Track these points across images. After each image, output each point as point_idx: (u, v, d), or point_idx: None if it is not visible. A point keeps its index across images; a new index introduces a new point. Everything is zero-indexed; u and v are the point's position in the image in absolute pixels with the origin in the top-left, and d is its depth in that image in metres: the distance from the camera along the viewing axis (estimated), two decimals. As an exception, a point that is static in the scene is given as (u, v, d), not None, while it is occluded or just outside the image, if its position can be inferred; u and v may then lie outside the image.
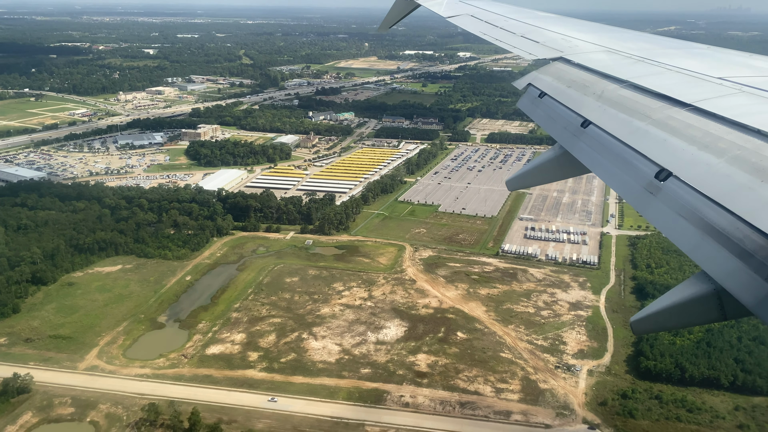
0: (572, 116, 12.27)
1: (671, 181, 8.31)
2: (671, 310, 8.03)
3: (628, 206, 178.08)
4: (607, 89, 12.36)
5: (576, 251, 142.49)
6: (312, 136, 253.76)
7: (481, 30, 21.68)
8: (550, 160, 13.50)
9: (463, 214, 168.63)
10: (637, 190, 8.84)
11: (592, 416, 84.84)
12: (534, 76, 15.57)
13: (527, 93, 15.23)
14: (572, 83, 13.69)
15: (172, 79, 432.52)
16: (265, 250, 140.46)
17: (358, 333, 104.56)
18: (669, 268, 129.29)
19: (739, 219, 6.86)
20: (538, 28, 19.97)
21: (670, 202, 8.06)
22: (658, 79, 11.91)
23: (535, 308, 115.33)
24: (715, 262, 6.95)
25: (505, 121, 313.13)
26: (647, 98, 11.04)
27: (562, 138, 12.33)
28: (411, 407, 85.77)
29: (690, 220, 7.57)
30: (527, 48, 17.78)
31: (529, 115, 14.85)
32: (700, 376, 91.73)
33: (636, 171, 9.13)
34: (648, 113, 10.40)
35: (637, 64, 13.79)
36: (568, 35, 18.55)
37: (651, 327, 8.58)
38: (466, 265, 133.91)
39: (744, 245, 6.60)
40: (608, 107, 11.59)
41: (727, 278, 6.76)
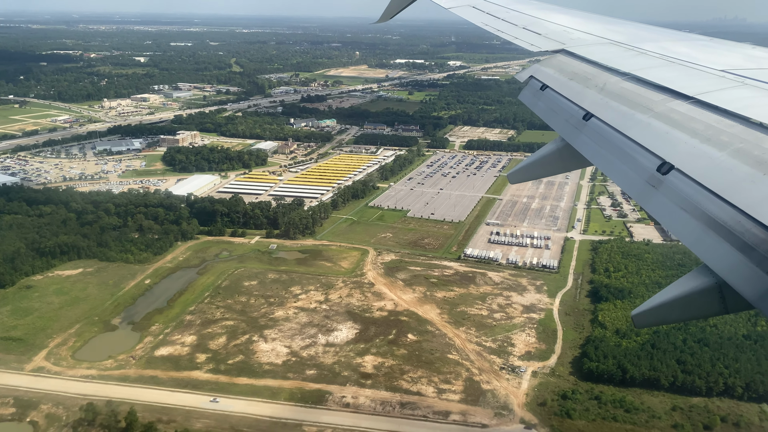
0: (574, 109, 12.30)
1: (673, 174, 8.29)
2: (672, 303, 8.02)
3: (595, 212, 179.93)
4: (609, 82, 12.36)
5: (538, 255, 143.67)
6: (290, 143, 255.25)
7: (483, 21, 21.48)
8: (552, 153, 13.47)
9: (431, 219, 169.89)
10: (639, 183, 8.84)
11: (531, 416, 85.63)
12: (536, 68, 15.64)
13: (529, 85, 15.32)
14: (574, 75, 13.69)
15: (158, 87, 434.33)
16: (228, 255, 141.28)
17: (308, 335, 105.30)
18: (626, 272, 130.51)
19: (741, 212, 6.84)
20: (540, 20, 19.90)
21: (671, 195, 8.05)
22: (660, 72, 11.92)
23: (488, 311, 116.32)
24: (717, 255, 6.94)
25: (486, 128, 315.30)
26: (649, 91, 11.03)
27: (563, 130, 12.36)
28: (351, 407, 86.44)
29: (692, 213, 7.54)
30: (529, 40, 17.70)
31: (531, 107, 14.88)
32: (640, 377, 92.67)
33: (638, 164, 9.13)
34: (650, 106, 10.40)
35: (639, 57, 13.75)
36: (570, 27, 18.51)
37: (652, 321, 8.55)
38: (427, 269, 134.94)
39: (746, 238, 6.59)
40: (610, 100, 11.58)
41: (729, 271, 6.74)
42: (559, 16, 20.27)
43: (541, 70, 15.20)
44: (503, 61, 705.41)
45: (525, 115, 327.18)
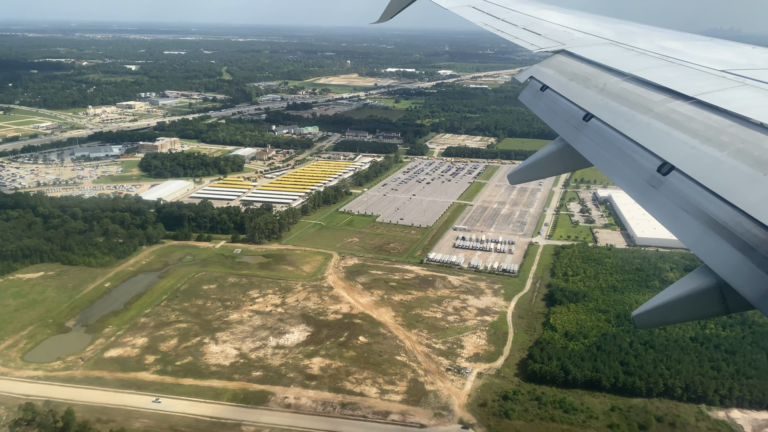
0: (574, 109, 12.25)
1: (673, 174, 8.27)
2: (673, 304, 8.01)
3: (563, 218, 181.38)
4: (609, 82, 12.32)
5: (500, 260, 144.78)
6: (269, 149, 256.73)
7: (483, 21, 21.43)
8: (552, 154, 13.42)
9: (399, 224, 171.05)
10: (639, 184, 8.83)
11: (470, 417, 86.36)
12: (535, 69, 15.63)
13: (529, 86, 15.28)
14: (574, 76, 13.65)
15: (145, 94, 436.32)
16: (192, 258, 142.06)
17: (259, 338, 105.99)
18: (584, 276, 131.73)
19: (742, 213, 6.82)
20: (541, 20, 19.91)
21: (672, 196, 8.02)
22: (660, 72, 11.89)
23: (443, 314, 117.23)
24: (718, 256, 6.92)
25: (468, 136, 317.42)
26: (649, 91, 11.01)
27: (563, 131, 12.34)
28: (292, 408, 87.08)
29: (692, 213, 7.51)
30: (529, 40, 17.66)
31: (531, 108, 14.87)
32: (582, 379, 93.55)
33: (638, 164, 9.12)
34: (650, 106, 10.38)
35: (639, 57, 13.72)
36: (570, 27, 18.52)
37: (653, 321, 8.53)
38: (388, 273, 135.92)
39: (746, 239, 6.58)
40: (610, 100, 11.55)
41: (730, 272, 6.72)
42: (559, 17, 20.34)
43: (540, 70, 15.28)
44: (494, 71, 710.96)
45: (506, 123, 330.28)
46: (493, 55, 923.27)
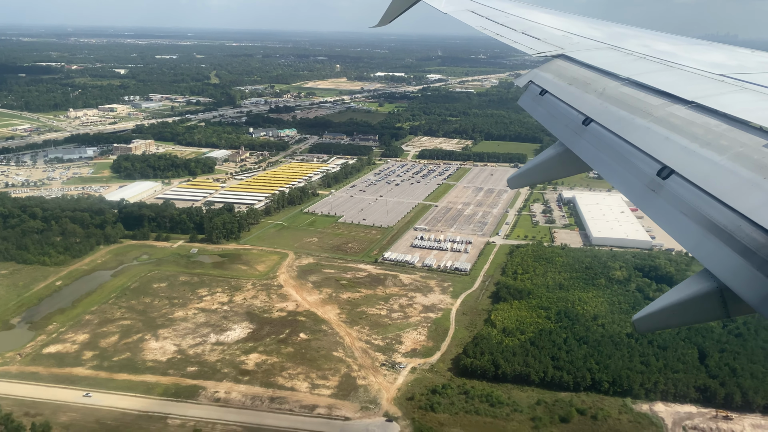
0: (573, 114, 12.29)
1: (673, 178, 8.29)
2: (673, 308, 8.04)
3: (524, 218, 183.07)
4: (608, 86, 12.35)
5: (455, 259, 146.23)
6: (242, 151, 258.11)
7: (481, 25, 21.35)
8: (552, 158, 13.46)
9: (361, 224, 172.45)
10: (639, 188, 8.84)
11: (396, 410, 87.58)
12: (535, 73, 15.65)
13: (528, 91, 15.28)
14: (573, 80, 13.68)
15: (130, 98, 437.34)
16: (148, 258, 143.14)
17: (201, 335, 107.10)
18: (533, 275, 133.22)
19: (742, 216, 6.83)
20: (539, 25, 19.92)
21: (672, 200, 8.03)
22: (659, 76, 11.93)
23: (388, 311, 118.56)
24: (718, 259, 6.93)
25: (445, 138, 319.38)
26: (649, 95, 11.01)
27: (563, 136, 12.36)
28: (221, 402, 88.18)
29: (692, 217, 7.53)
30: (528, 44, 17.67)
31: (530, 112, 14.83)
32: (512, 373, 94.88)
33: (638, 169, 9.14)
34: (649, 110, 10.37)
35: (639, 61, 13.73)
36: (569, 32, 18.54)
37: (653, 325, 8.55)
38: (340, 272, 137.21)
39: (746, 242, 6.58)
40: (610, 105, 11.58)
41: (730, 276, 6.73)
42: (557, 21, 20.32)
43: (540, 75, 15.29)
44: (483, 75, 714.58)
45: (484, 126, 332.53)
46: (484, 60, 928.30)
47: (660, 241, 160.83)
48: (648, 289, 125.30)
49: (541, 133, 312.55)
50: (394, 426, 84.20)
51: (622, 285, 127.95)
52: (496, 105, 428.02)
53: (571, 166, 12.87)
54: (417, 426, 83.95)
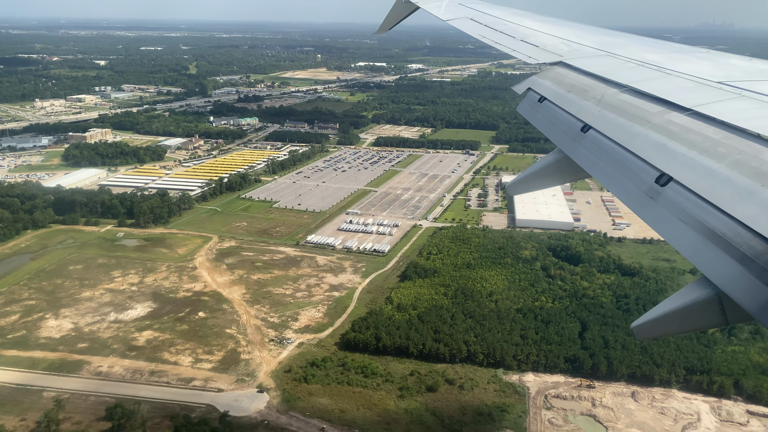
0: (572, 121, 12.31)
1: (671, 186, 8.30)
2: (672, 315, 8.04)
3: (459, 202, 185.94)
4: (606, 94, 12.37)
5: (377, 241, 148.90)
6: (195, 140, 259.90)
7: (481, 33, 21.40)
8: (550, 165, 13.46)
9: (295, 209, 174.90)
10: (638, 195, 8.84)
11: (270, 382, 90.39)
12: (533, 80, 15.69)
13: (527, 98, 15.28)
14: (572, 88, 13.71)
15: (102, 88, 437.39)
16: (73, 242, 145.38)
17: (101, 313, 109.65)
18: (446, 255, 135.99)
19: (740, 224, 6.85)
20: (538, 32, 19.94)
21: (670, 207, 8.03)
22: (657, 84, 11.97)
23: (294, 290, 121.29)
24: (716, 267, 6.92)
25: (407, 126, 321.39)
26: (647, 103, 11.04)
27: (562, 142, 12.35)
28: (102, 376, 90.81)
29: (691, 225, 7.52)
30: (527, 52, 17.65)
31: (529, 119, 14.78)
32: (392, 346, 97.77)
33: (636, 176, 9.14)
34: (648, 118, 10.38)
35: (637, 69, 13.74)
36: (567, 39, 18.55)
37: (652, 333, 8.52)
38: (259, 254, 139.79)
39: (745, 250, 6.59)
40: (608, 112, 11.59)
41: (729, 283, 6.73)
42: (556, 29, 20.26)
43: (538, 82, 15.33)
44: (465, 64, 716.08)
45: (445, 115, 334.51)
46: (471, 50, 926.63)
47: (584, 223, 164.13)
48: (552, 267, 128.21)
49: (500, 120, 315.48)
50: (264, 396, 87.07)
51: (528, 263, 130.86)
52: (467, 94, 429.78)
53: (569, 172, 12.97)
54: (286, 396, 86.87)
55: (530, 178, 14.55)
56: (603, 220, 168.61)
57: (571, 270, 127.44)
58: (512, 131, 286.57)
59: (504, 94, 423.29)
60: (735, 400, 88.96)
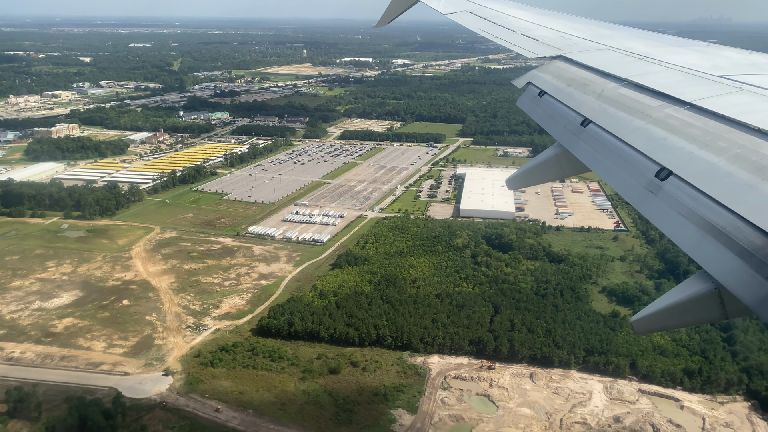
0: (572, 115, 12.27)
1: (671, 180, 8.31)
2: (672, 309, 8.08)
3: (410, 193, 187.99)
4: (606, 88, 12.36)
5: (318, 231, 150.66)
6: (159, 134, 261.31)
7: (480, 27, 21.27)
8: (550, 159, 13.47)
9: (244, 201, 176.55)
10: (638, 189, 8.84)
11: (177, 366, 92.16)
12: (533, 74, 15.62)
13: (527, 92, 15.22)
14: (572, 82, 13.71)
15: (80, 84, 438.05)
16: (15, 233, 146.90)
17: (26, 302, 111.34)
18: (381, 244, 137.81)
19: (740, 218, 6.87)
20: (538, 26, 19.91)
21: (670, 201, 8.04)
22: (657, 78, 11.92)
23: (223, 279, 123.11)
24: (716, 261, 6.95)
25: (378, 120, 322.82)
26: (647, 97, 11.02)
27: (562, 137, 12.33)
28: (12, 361, 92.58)
29: (690, 219, 7.53)
30: (526, 46, 17.62)
31: (529, 113, 14.73)
32: (303, 331, 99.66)
33: (636, 170, 9.15)
34: (648, 112, 10.36)
35: (637, 63, 13.73)
36: (567, 33, 18.52)
37: (651, 326, 8.57)
38: (197, 245, 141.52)
39: (744, 244, 6.62)
40: (608, 106, 11.58)
41: (728, 277, 6.76)
42: (556, 23, 20.35)
43: (538, 76, 15.26)
44: (451, 59, 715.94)
45: (416, 108, 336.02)
46: (462, 45, 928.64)
47: (527, 213, 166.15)
48: (481, 255, 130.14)
49: (470, 114, 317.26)
50: (168, 379, 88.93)
51: (459, 251, 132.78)
52: (445, 88, 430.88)
53: (569, 167, 13.01)
54: (189, 379, 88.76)
55: (530, 173, 14.58)
56: (548, 210, 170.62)
57: (498, 257, 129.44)
58: (479, 124, 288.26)
59: (481, 88, 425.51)
60: (630, 379, 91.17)
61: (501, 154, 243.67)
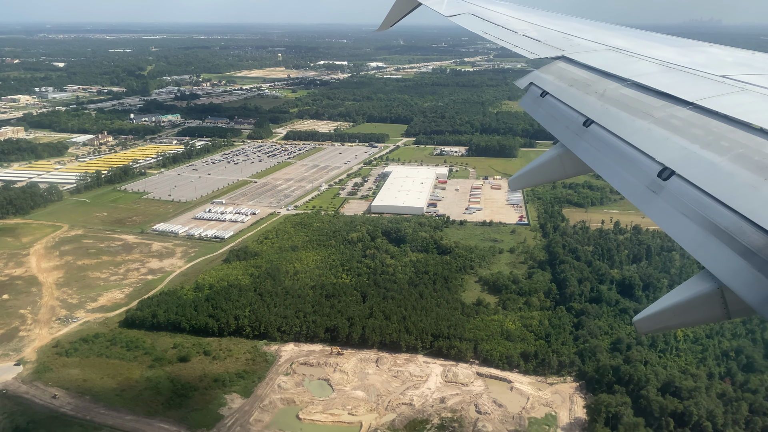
0: (574, 115, 12.32)
1: (674, 179, 8.31)
2: (674, 309, 8.07)
3: (332, 191, 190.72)
4: (609, 88, 12.38)
5: (224, 228, 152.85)
6: (103, 136, 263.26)
7: (483, 29, 21.25)
8: (552, 159, 13.44)
9: (163, 200, 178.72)
10: (640, 189, 8.83)
11: (33, 356, 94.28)
12: (536, 75, 15.62)
13: (529, 92, 15.21)
14: (574, 82, 13.72)
15: (43, 89, 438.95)
16: None
17: None
18: (278, 239, 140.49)
19: (742, 217, 6.88)
20: (540, 27, 19.98)
21: (672, 201, 8.04)
22: (660, 78, 11.95)
23: (110, 274, 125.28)
24: (719, 260, 6.95)
25: (329, 121, 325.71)
26: (649, 97, 11.02)
27: (564, 137, 12.33)
28: None
29: (693, 218, 7.52)
30: (528, 47, 17.67)
31: (531, 114, 14.77)
32: (166, 322, 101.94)
33: (638, 170, 9.15)
34: (650, 112, 10.36)
35: (639, 63, 13.75)
36: (569, 34, 18.58)
37: (654, 326, 8.52)
38: (98, 242, 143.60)
39: (747, 243, 6.63)
40: (610, 106, 11.60)
41: (731, 277, 6.76)
42: (558, 24, 20.47)
43: (540, 76, 15.29)
44: (426, 62, 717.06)
45: (367, 110, 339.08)
46: (444, 48, 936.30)
47: (439, 209, 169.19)
48: (372, 248, 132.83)
49: (419, 114, 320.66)
50: (18, 368, 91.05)
51: (351, 245, 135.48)
52: (409, 90, 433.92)
53: (571, 167, 13.01)
54: (39, 368, 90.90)
55: (532, 173, 14.57)
56: (460, 206, 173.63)
57: (387, 250, 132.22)
58: (424, 124, 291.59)
59: (443, 90, 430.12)
60: (471, 363, 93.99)
61: (437, 153, 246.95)
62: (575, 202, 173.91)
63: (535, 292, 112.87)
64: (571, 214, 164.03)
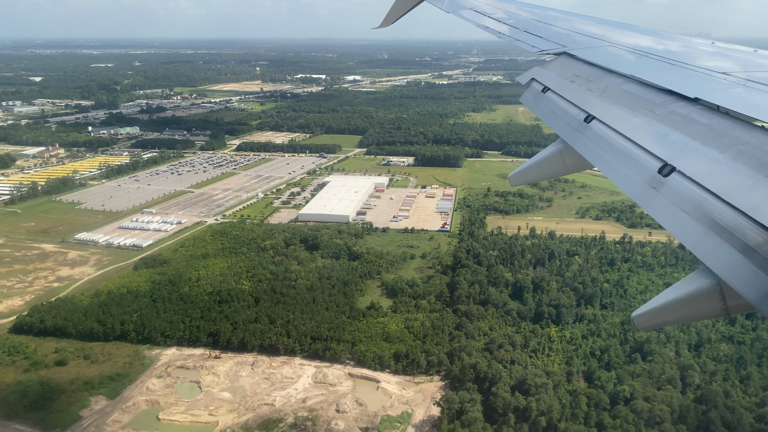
0: (575, 111, 12.37)
1: (674, 176, 8.34)
2: (673, 305, 8.09)
3: (267, 200, 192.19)
4: (610, 84, 12.41)
5: (147, 237, 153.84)
6: (54, 148, 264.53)
7: (484, 24, 21.32)
8: (553, 155, 13.42)
9: (95, 210, 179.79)
10: (640, 185, 8.85)
11: None
12: (537, 71, 15.67)
13: (530, 88, 15.24)
14: (575, 78, 13.75)
15: (10, 103, 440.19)
16: None
17: None
18: (196, 247, 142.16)
19: (743, 214, 6.90)
20: (542, 23, 20.03)
21: (673, 197, 8.05)
22: (661, 74, 11.95)
23: (17, 282, 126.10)
24: (718, 257, 6.97)
25: (288, 133, 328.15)
26: (651, 93, 11.03)
27: (564, 133, 12.36)
28: None
29: (693, 215, 7.55)
30: (530, 42, 17.70)
31: (532, 110, 14.75)
32: (52, 327, 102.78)
33: (639, 166, 9.16)
34: (651, 108, 10.38)
35: (641, 59, 13.77)
36: (571, 30, 18.71)
37: (652, 322, 8.53)
38: (15, 251, 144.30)
39: (747, 240, 6.64)
40: (611, 102, 11.63)
41: (730, 273, 6.78)
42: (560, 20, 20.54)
43: (542, 72, 15.32)
44: (406, 75, 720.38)
45: (326, 122, 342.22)
46: (426, 62, 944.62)
47: (366, 217, 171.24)
48: (282, 254, 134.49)
49: (376, 125, 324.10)
50: None
51: (263, 252, 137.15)
52: (377, 102, 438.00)
53: (572, 163, 12.99)
54: None
55: (532, 169, 14.43)
56: (390, 214, 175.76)
57: (296, 257, 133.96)
58: (378, 135, 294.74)
59: (410, 102, 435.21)
60: (346, 364, 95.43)
61: (384, 163, 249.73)
62: (501, 210, 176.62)
63: (428, 294, 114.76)
64: (496, 221, 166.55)
